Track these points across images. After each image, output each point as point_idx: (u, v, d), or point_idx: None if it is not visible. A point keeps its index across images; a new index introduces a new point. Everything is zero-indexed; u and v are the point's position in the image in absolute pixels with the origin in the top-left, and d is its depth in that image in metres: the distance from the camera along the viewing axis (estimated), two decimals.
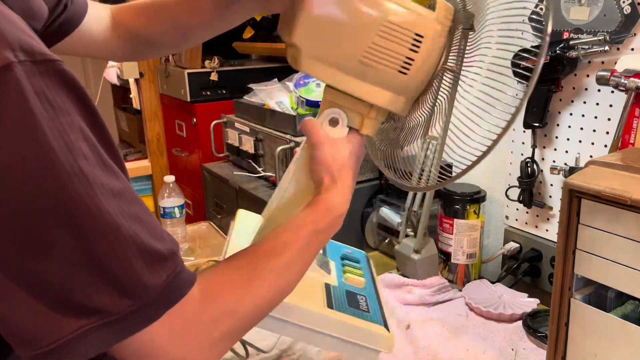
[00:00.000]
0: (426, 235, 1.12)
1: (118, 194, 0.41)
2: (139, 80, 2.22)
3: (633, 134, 0.88)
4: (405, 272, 1.15)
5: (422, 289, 1.08)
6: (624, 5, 0.89)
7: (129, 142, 3.15)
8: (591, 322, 0.70)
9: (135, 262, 0.41)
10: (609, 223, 0.66)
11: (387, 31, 0.53)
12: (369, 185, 1.31)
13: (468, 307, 1.04)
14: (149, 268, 0.42)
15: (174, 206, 1.35)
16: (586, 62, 0.97)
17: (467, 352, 0.91)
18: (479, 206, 1.09)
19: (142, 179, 2.45)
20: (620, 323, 0.68)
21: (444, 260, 1.13)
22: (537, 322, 0.96)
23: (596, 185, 0.65)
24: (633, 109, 0.87)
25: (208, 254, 1.32)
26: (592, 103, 0.98)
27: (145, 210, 0.44)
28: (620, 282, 0.67)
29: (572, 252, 0.70)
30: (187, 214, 1.69)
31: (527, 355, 0.90)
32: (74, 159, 0.38)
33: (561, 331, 0.73)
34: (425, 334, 0.96)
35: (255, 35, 1.98)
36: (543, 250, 1.10)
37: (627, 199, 0.62)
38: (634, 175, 0.67)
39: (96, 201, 0.39)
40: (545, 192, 1.09)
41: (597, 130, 0.98)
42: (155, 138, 2.30)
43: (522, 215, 1.14)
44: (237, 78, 1.97)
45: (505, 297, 1.05)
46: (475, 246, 1.11)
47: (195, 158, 2.01)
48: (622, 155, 0.74)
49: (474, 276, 1.13)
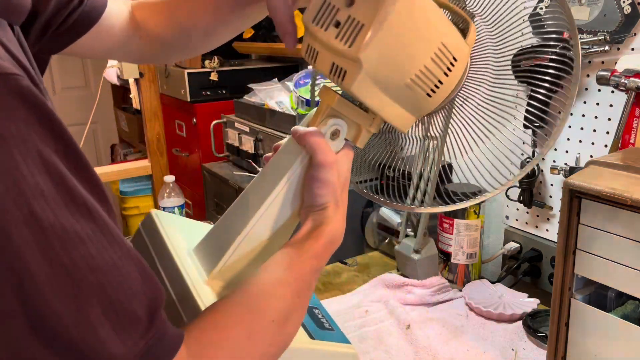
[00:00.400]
0: (426, 235, 1.12)
1: (86, 238, 0.33)
2: (139, 80, 2.22)
3: (633, 134, 0.87)
4: (405, 272, 1.15)
5: (422, 289, 1.08)
6: (624, 5, 0.89)
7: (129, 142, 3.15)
8: (591, 322, 0.70)
9: (100, 327, 0.33)
10: (609, 223, 0.66)
11: (439, 53, 0.51)
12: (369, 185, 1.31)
13: (468, 307, 1.04)
14: (119, 334, 0.34)
15: (174, 206, 1.35)
16: (586, 62, 0.97)
17: (467, 352, 0.91)
18: (479, 206, 1.09)
19: (142, 179, 2.46)
20: (620, 323, 0.68)
21: (444, 260, 1.13)
22: (537, 322, 0.96)
23: (596, 185, 0.65)
24: (633, 109, 0.87)
25: None
26: (593, 103, 0.98)
27: (124, 254, 0.36)
28: (621, 282, 0.67)
29: (572, 252, 0.70)
30: (187, 214, 1.69)
31: (527, 355, 0.90)
32: (25, 202, 0.31)
33: (561, 331, 0.73)
34: (426, 334, 0.96)
35: (255, 35, 1.98)
36: (543, 250, 1.10)
37: (627, 199, 0.61)
38: (634, 175, 0.67)
39: (50, 253, 0.32)
40: (545, 192, 1.09)
41: (597, 130, 0.98)
42: (155, 138, 2.30)
43: (522, 215, 1.14)
44: (237, 78, 1.97)
45: (506, 297, 1.05)
46: (476, 246, 1.11)
47: (195, 158, 2.01)
48: (622, 155, 0.74)
49: (474, 276, 1.13)
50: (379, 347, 0.92)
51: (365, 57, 0.48)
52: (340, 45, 0.49)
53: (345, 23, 0.49)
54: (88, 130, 2.49)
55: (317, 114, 0.55)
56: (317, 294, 1.12)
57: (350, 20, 0.48)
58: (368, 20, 0.47)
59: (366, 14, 0.47)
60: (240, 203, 0.57)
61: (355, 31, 0.48)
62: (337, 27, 0.49)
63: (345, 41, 0.48)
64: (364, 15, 0.48)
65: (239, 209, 0.57)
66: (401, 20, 0.48)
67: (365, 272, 1.21)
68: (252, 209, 0.54)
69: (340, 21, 0.49)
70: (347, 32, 0.49)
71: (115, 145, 3.39)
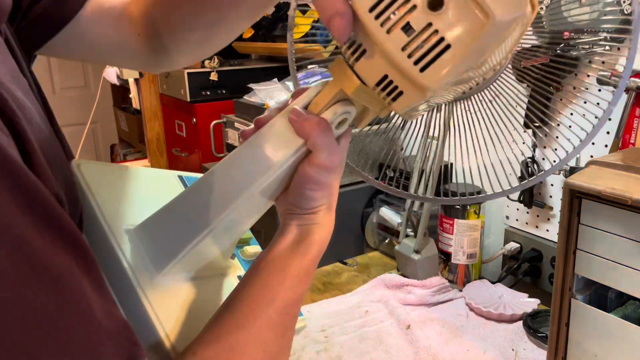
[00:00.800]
0: (426, 235, 1.12)
1: (47, 315, 0.27)
2: (139, 80, 2.22)
3: (634, 134, 0.87)
4: (405, 273, 1.15)
5: (423, 289, 1.08)
6: (625, 5, 0.89)
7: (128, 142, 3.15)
8: (592, 323, 0.70)
9: None
10: (610, 223, 0.66)
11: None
12: (369, 185, 1.31)
13: (468, 307, 1.04)
14: None
15: None
16: (587, 62, 0.97)
17: (467, 352, 0.91)
18: (479, 206, 1.09)
19: None
20: (620, 323, 0.67)
21: (444, 260, 1.13)
22: (537, 322, 0.96)
23: (597, 185, 0.65)
24: (633, 109, 0.87)
25: None
26: (593, 103, 0.98)
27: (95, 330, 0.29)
28: (621, 282, 0.66)
29: (572, 253, 0.70)
30: None
31: (527, 355, 0.90)
32: None
33: (562, 331, 0.73)
34: (426, 334, 0.95)
35: (255, 35, 1.98)
36: (543, 251, 1.10)
37: (627, 199, 0.61)
38: (634, 176, 0.67)
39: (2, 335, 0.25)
40: (545, 192, 1.09)
41: None
42: (155, 138, 2.30)
43: (522, 215, 1.14)
44: (237, 78, 1.97)
45: (506, 298, 1.05)
46: (476, 246, 1.11)
47: (195, 158, 2.01)
48: (622, 155, 0.74)
49: (474, 276, 1.13)
50: (379, 347, 0.92)
51: (437, 88, 0.37)
52: (407, 63, 0.37)
53: (421, 33, 0.36)
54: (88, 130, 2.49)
55: (324, 95, 0.44)
56: (317, 294, 1.12)
57: (430, 32, 0.36)
58: (456, 39, 0.35)
59: (455, 31, 0.35)
60: (208, 187, 0.45)
61: (436, 52, 0.36)
62: (406, 32, 0.36)
63: (417, 60, 0.37)
64: (451, 32, 0.35)
65: (207, 194, 0.45)
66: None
67: (365, 272, 1.21)
68: (224, 199, 0.44)
69: (414, 27, 0.36)
70: (421, 48, 0.36)
71: (115, 145, 3.39)
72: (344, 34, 0.38)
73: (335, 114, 0.43)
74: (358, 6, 0.37)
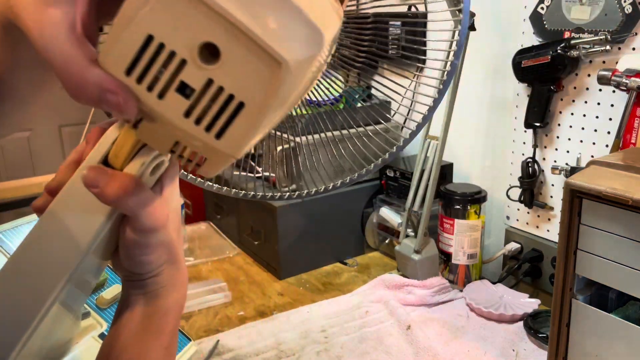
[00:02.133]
0: (426, 235, 1.12)
1: None
2: None
3: (634, 134, 0.87)
4: (405, 273, 1.15)
5: (423, 290, 1.08)
6: (625, 5, 0.89)
7: None
8: (592, 323, 0.70)
9: None
10: (610, 223, 0.65)
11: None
12: (369, 185, 1.31)
13: (469, 307, 1.04)
14: None
15: None
16: (587, 62, 0.97)
17: (467, 352, 0.91)
18: (480, 206, 1.09)
19: None
20: (621, 324, 0.67)
21: (444, 260, 1.13)
22: (538, 322, 0.96)
23: (597, 185, 0.65)
24: (634, 109, 0.87)
25: (207, 255, 1.31)
26: (594, 103, 0.98)
27: None
28: (622, 282, 0.66)
29: (573, 253, 0.70)
30: (187, 214, 1.69)
31: (528, 356, 0.89)
32: None
33: (562, 332, 0.73)
34: (426, 334, 0.95)
35: None
36: (544, 251, 1.10)
37: (628, 199, 0.61)
38: (635, 176, 0.67)
39: None
40: (546, 192, 1.09)
41: (598, 130, 0.98)
42: None
43: (523, 215, 1.14)
44: None
45: (506, 298, 1.05)
46: (476, 246, 1.10)
47: None
48: (623, 155, 0.74)
49: (475, 276, 1.13)
50: (379, 348, 0.92)
51: (244, 150, 0.31)
52: (197, 131, 0.30)
53: (203, 93, 0.30)
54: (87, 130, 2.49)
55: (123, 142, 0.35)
56: (317, 294, 1.12)
57: (214, 90, 0.29)
58: (248, 95, 0.29)
59: (244, 85, 0.29)
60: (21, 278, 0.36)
61: (228, 114, 0.30)
62: (184, 95, 0.30)
63: (208, 126, 0.30)
64: (239, 87, 0.29)
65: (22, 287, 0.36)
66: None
67: (366, 273, 1.21)
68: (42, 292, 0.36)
69: (192, 86, 0.30)
70: (209, 111, 0.30)
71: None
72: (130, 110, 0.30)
73: (144, 164, 0.35)
74: (113, 70, 0.30)
